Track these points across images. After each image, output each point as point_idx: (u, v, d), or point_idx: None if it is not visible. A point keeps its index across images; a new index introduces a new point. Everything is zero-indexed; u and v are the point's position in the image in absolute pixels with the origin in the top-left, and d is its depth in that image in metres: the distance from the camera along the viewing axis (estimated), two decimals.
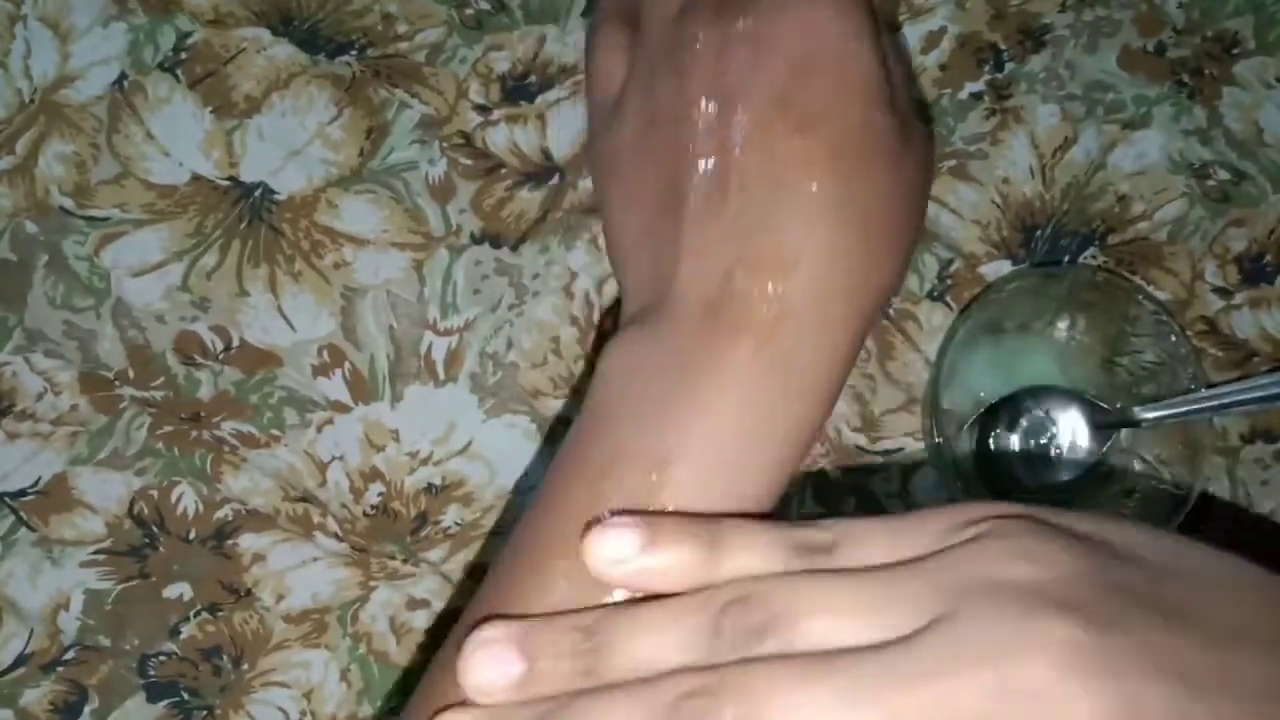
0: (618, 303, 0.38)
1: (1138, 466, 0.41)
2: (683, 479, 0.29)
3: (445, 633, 0.41)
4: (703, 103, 0.31)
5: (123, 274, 0.42)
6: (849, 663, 0.23)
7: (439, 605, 0.41)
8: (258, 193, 0.42)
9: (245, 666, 0.41)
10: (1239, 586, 0.25)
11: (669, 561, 0.27)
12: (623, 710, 0.25)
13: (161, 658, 0.41)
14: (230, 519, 0.41)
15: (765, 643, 0.24)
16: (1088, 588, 0.23)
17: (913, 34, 0.44)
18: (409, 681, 0.41)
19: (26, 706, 0.40)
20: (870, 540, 0.26)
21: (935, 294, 0.43)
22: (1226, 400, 0.40)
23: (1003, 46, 0.44)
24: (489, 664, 0.26)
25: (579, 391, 0.42)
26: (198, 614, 0.41)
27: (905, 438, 0.42)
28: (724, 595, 0.26)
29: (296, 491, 0.41)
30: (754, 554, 0.27)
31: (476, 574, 0.41)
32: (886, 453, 0.42)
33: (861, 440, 0.42)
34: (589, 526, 0.27)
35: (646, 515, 0.28)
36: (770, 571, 0.26)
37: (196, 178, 0.42)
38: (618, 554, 0.27)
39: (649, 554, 0.27)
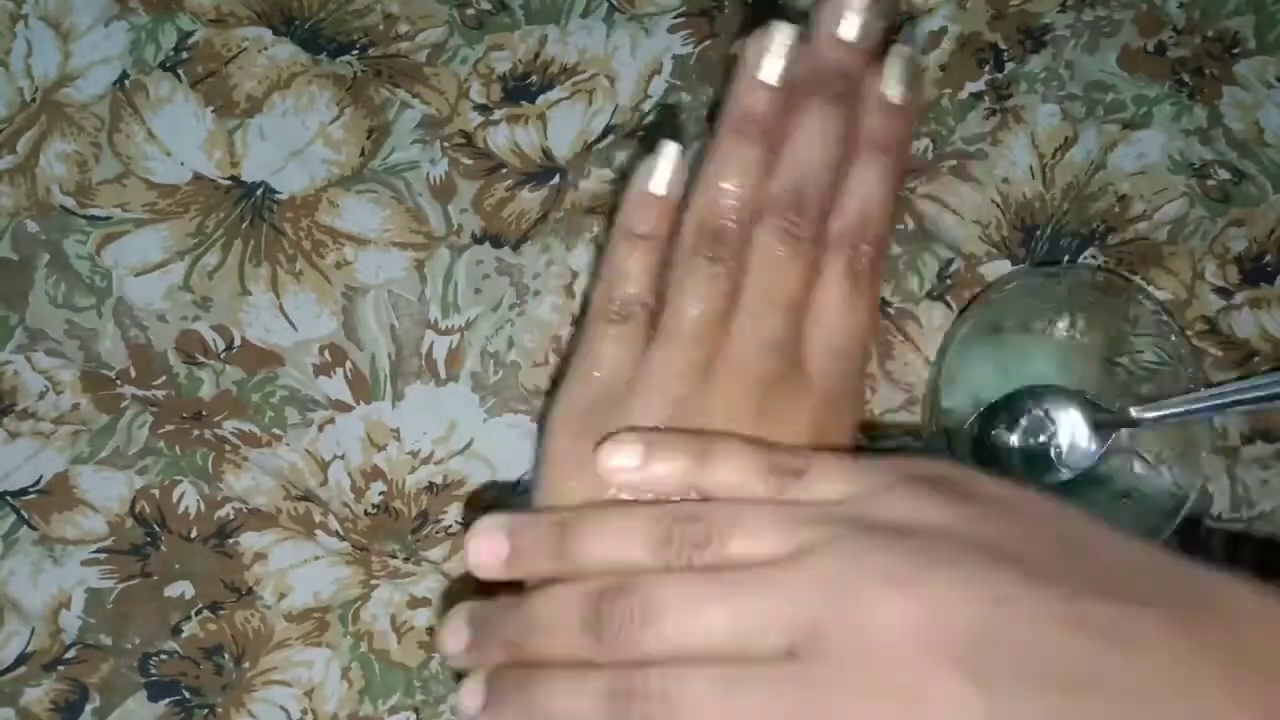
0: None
1: (1137, 467, 0.41)
2: None
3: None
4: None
5: (124, 273, 0.42)
6: (734, 576, 0.30)
7: (440, 604, 0.41)
8: (259, 192, 0.42)
9: (246, 665, 0.41)
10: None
11: (664, 471, 0.33)
12: (559, 600, 0.32)
13: (163, 656, 0.41)
14: (232, 518, 0.41)
15: (703, 553, 0.31)
16: (930, 536, 0.29)
17: (913, 34, 0.44)
18: (410, 680, 0.41)
19: (28, 705, 0.40)
20: (833, 475, 0.32)
21: (935, 294, 0.43)
22: (1226, 400, 0.40)
23: (1003, 46, 0.44)
24: (483, 547, 0.34)
25: None
26: (199, 612, 0.41)
27: (905, 437, 0.42)
28: (676, 512, 0.32)
29: (298, 490, 0.41)
30: (736, 469, 0.33)
31: None
32: (886, 453, 0.42)
33: (861, 440, 0.42)
34: (600, 443, 0.34)
35: (646, 434, 0.34)
36: (747, 484, 0.32)
37: (198, 177, 0.42)
38: (624, 463, 0.33)
39: (648, 464, 0.33)
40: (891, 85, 0.38)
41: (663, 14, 0.44)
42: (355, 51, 0.43)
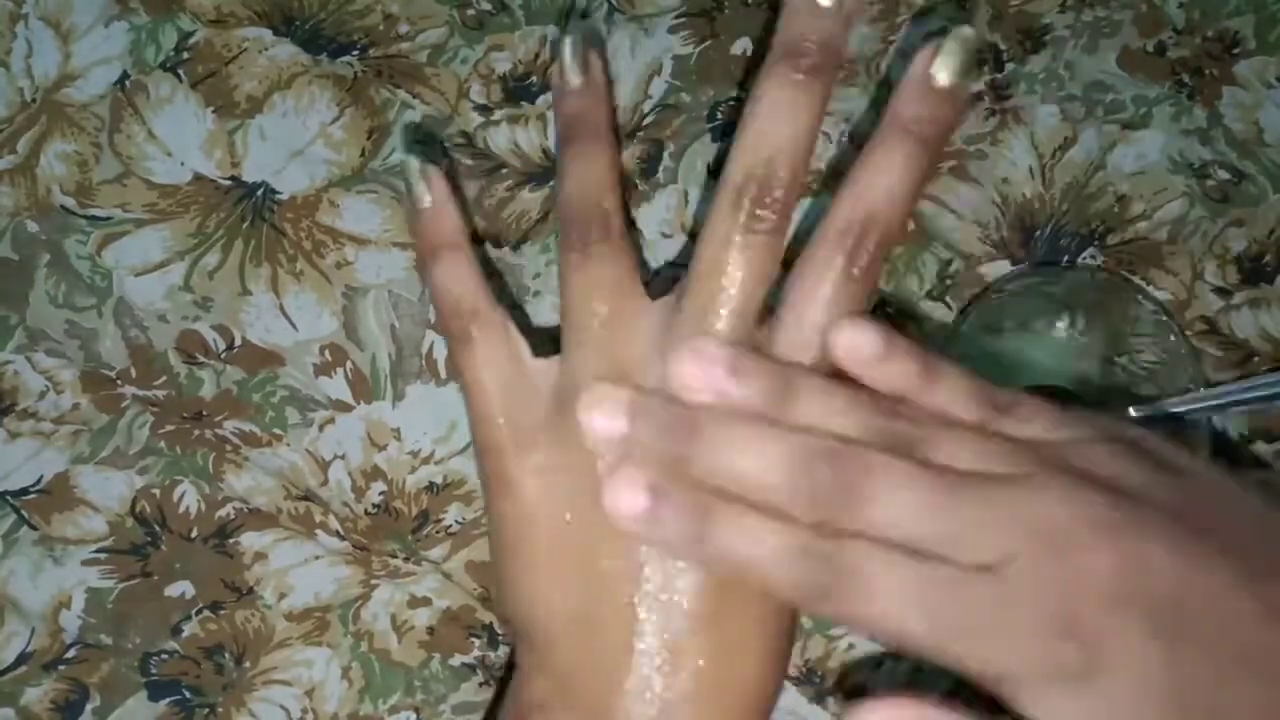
0: None
1: None
2: None
3: (446, 630, 0.41)
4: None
5: (125, 273, 0.42)
6: (951, 480, 0.29)
7: (440, 603, 0.41)
8: (260, 192, 0.43)
9: (247, 664, 0.41)
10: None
11: (900, 368, 0.30)
12: (764, 444, 0.29)
13: (163, 656, 0.41)
14: (232, 517, 0.41)
15: (914, 450, 0.29)
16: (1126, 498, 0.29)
17: (913, 34, 0.44)
18: (410, 680, 0.41)
19: (28, 705, 0.40)
20: (1041, 417, 0.31)
21: (935, 294, 0.43)
22: (1226, 400, 0.40)
23: (1003, 46, 0.44)
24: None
25: None
26: (199, 612, 0.41)
27: None
28: (891, 406, 0.30)
29: (298, 490, 0.41)
30: (953, 389, 0.31)
31: (478, 572, 0.41)
32: None
33: None
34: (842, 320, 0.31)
35: (885, 329, 0.31)
36: (958, 407, 0.31)
37: (198, 177, 0.43)
38: (866, 344, 0.30)
39: (889, 355, 0.30)
40: (942, 67, 0.34)
41: (663, 14, 0.44)
42: (356, 52, 0.43)
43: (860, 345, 0.30)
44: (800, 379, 0.31)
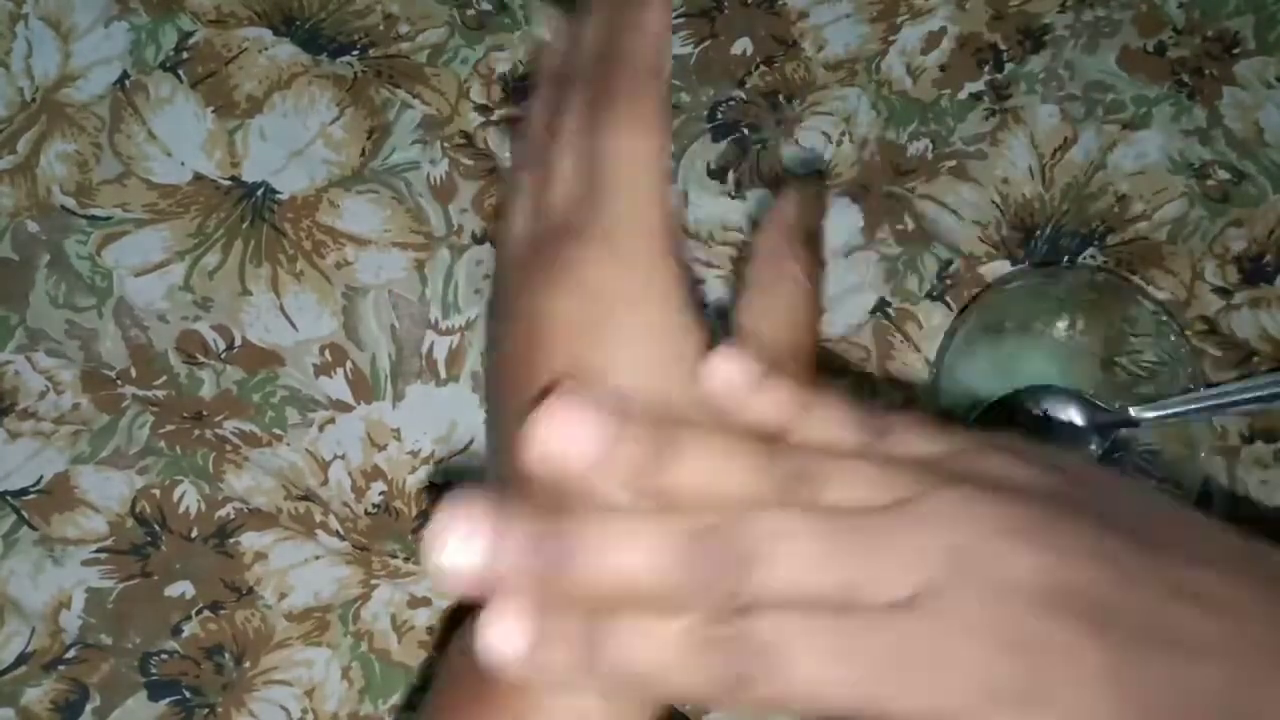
0: None
1: (1137, 466, 0.41)
2: None
3: (446, 630, 0.41)
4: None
5: (125, 273, 0.42)
6: (847, 522, 0.27)
7: (440, 603, 0.41)
8: (260, 192, 0.43)
9: (247, 665, 0.41)
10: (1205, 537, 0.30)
11: (771, 403, 0.29)
12: (645, 535, 0.27)
13: (163, 656, 0.41)
14: (232, 517, 0.41)
15: (801, 495, 0.27)
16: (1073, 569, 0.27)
17: (913, 34, 0.44)
18: (411, 680, 0.41)
19: (28, 705, 0.40)
20: (920, 431, 0.29)
21: (935, 294, 0.43)
22: (1226, 400, 0.40)
23: (1003, 47, 0.44)
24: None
25: None
26: (199, 612, 0.41)
27: None
28: (775, 450, 0.28)
29: (298, 490, 0.41)
30: (832, 420, 0.29)
31: None
32: None
33: None
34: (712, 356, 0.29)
35: (758, 363, 0.29)
36: (839, 437, 0.29)
37: (199, 177, 0.43)
38: (737, 379, 0.29)
39: (761, 390, 0.29)
40: None
41: None
42: (356, 52, 0.43)
43: (734, 375, 0.29)
44: (678, 434, 0.28)
